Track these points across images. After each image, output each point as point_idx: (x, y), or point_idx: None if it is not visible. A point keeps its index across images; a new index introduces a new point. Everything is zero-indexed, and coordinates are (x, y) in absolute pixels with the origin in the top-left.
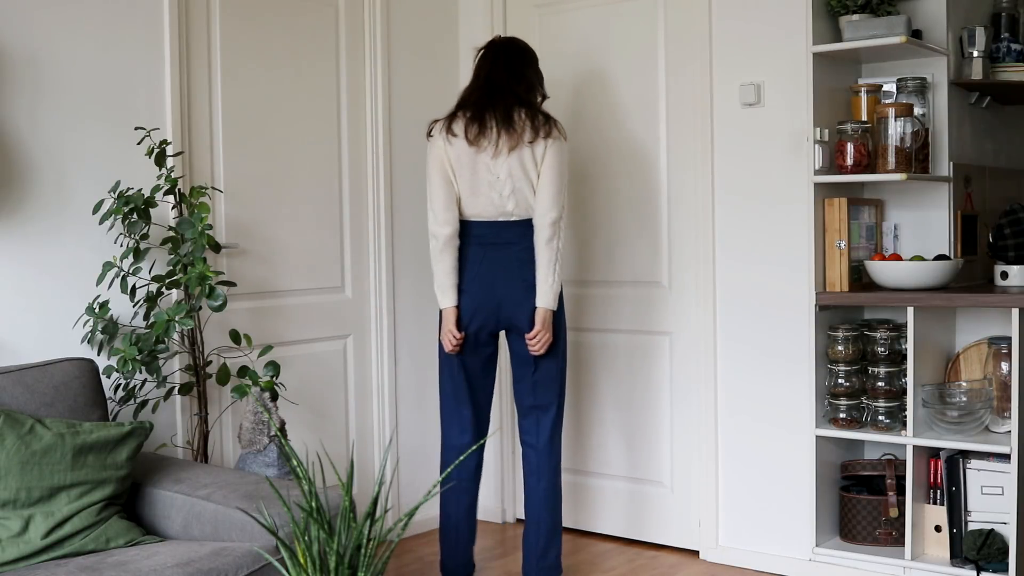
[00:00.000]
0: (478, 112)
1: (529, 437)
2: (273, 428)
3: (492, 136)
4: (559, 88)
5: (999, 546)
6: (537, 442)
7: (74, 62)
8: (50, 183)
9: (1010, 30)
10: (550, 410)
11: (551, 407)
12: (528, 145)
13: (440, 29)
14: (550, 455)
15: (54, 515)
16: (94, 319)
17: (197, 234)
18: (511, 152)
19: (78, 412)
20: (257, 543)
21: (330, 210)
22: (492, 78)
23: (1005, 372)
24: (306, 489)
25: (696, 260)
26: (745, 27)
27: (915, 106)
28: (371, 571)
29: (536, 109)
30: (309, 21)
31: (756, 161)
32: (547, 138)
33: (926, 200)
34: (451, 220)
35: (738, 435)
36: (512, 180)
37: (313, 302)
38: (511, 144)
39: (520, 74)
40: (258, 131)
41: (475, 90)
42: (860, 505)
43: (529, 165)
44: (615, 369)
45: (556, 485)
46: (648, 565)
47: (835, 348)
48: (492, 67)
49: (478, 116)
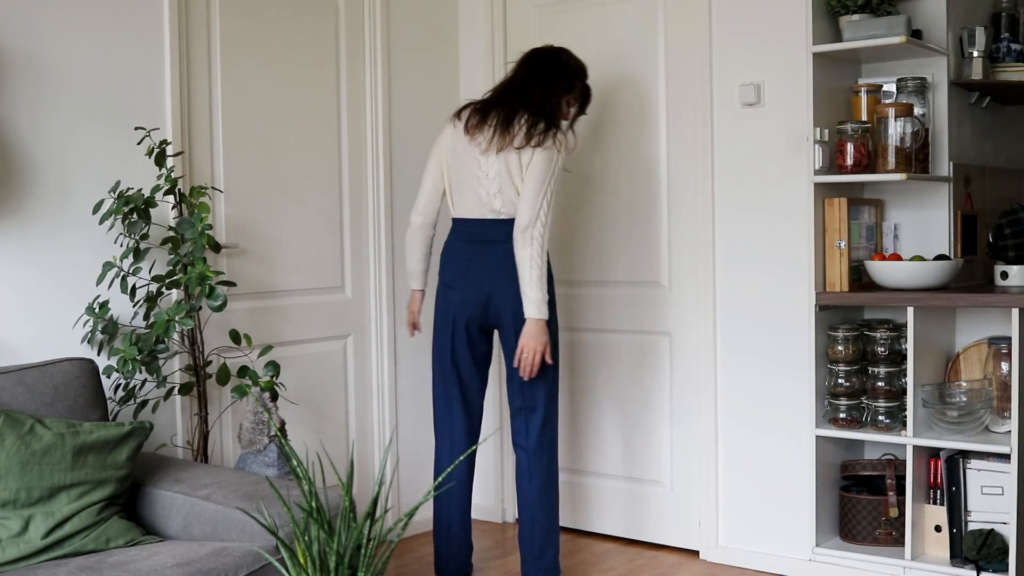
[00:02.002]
0: (486, 107)
1: (519, 438)
2: (273, 428)
3: (488, 133)
4: None
5: (999, 546)
6: (527, 443)
7: (74, 62)
8: (50, 183)
9: (1010, 30)
10: (538, 411)
11: (539, 408)
12: (516, 150)
13: (440, 29)
14: (540, 456)
15: (54, 515)
16: (94, 319)
17: (197, 234)
18: (499, 153)
19: (78, 412)
20: (257, 543)
21: (330, 210)
22: (513, 80)
23: (1005, 372)
24: (306, 489)
25: (696, 260)
26: (745, 27)
27: (915, 106)
28: (371, 571)
29: (544, 116)
30: (309, 21)
31: (756, 161)
32: (537, 147)
33: (926, 200)
34: (427, 212)
35: (738, 435)
36: (499, 180)
37: (313, 302)
38: (500, 145)
39: (541, 79)
40: (258, 131)
41: (495, 88)
42: (860, 505)
43: (515, 170)
44: (615, 369)
45: (549, 486)
46: (648, 565)
47: (835, 348)
48: (518, 69)
49: (484, 111)
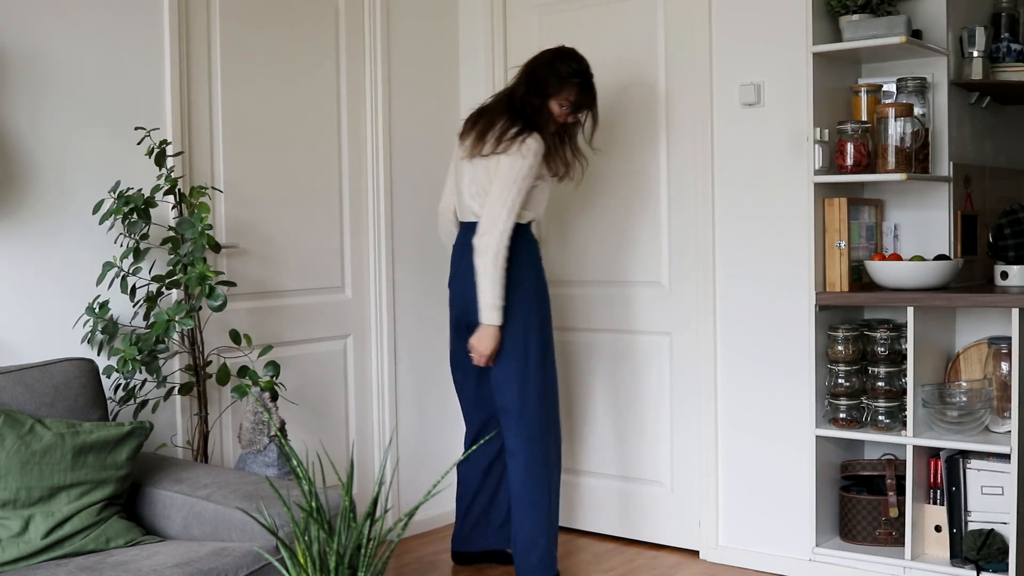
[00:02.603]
0: (480, 113)
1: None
2: (273, 428)
3: (469, 139)
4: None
5: (999, 546)
6: (507, 445)
7: (74, 62)
8: (50, 183)
9: (1010, 30)
10: (511, 414)
11: (512, 411)
12: (483, 157)
13: (440, 29)
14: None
15: (54, 515)
16: (94, 319)
17: (197, 234)
18: (472, 159)
19: (78, 412)
20: (257, 543)
21: (330, 210)
22: (510, 83)
23: (1005, 372)
24: (306, 489)
25: (696, 260)
26: (745, 27)
27: (915, 106)
28: (371, 571)
29: (521, 119)
30: (309, 21)
31: (756, 161)
32: (502, 153)
33: (926, 200)
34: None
35: (738, 435)
36: (475, 185)
37: (313, 302)
38: (473, 152)
39: (527, 81)
40: (258, 131)
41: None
42: (860, 505)
43: (482, 176)
44: (614, 369)
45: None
46: (648, 565)
47: (835, 348)
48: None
49: (476, 116)
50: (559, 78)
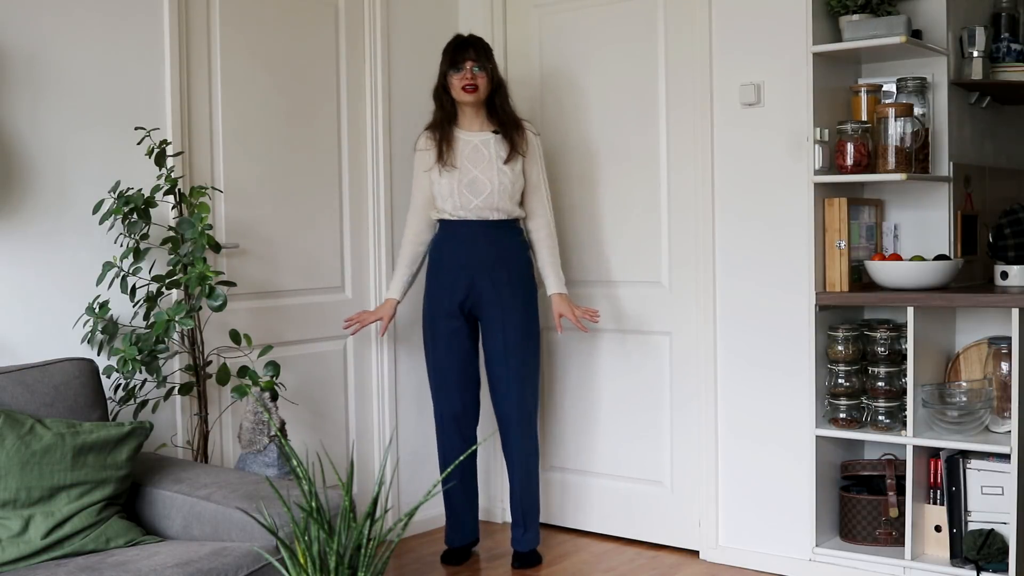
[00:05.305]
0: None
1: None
2: (273, 428)
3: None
4: (559, 87)
5: (999, 546)
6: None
7: (74, 62)
8: (50, 183)
9: (1010, 30)
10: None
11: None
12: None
13: (440, 29)
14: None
15: (54, 515)
16: (94, 319)
17: (197, 234)
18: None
19: (78, 412)
20: (257, 543)
21: (330, 210)
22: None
23: (1005, 372)
24: (306, 489)
25: (696, 260)
26: (745, 27)
27: (915, 106)
28: (371, 571)
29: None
30: (309, 21)
31: (756, 161)
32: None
33: (926, 200)
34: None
35: (738, 435)
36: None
37: (313, 302)
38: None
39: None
40: (258, 131)
41: None
42: (860, 505)
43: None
44: (614, 369)
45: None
46: (648, 565)
47: (835, 348)
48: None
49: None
50: (443, 55)
